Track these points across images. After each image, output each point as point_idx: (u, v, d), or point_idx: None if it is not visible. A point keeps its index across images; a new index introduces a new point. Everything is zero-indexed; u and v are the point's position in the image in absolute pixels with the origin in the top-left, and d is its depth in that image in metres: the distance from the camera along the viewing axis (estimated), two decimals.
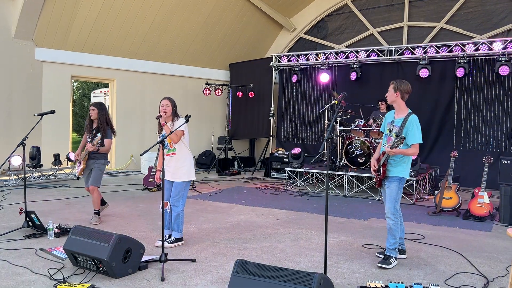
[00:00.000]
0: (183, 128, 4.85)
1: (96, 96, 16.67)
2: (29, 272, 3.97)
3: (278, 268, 3.20)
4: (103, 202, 6.30)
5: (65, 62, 10.63)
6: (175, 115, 4.96)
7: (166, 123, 4.86)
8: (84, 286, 3.57)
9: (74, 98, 20.29)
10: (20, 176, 9.05)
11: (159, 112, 4.91)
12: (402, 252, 4.57)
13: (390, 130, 4.44)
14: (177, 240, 4.96)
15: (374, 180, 4.68)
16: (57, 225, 5.31)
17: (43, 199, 7.54)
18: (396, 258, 4.34)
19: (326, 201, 3.69)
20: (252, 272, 3.18)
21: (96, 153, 5.85)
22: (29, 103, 10.11)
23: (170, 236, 5.00)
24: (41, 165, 9.30)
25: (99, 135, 5.70)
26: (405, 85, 4.41)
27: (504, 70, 9.18)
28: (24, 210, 5.39)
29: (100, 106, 5.96)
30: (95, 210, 6.03)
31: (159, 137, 4.76)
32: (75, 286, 3.57)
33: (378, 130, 8.40)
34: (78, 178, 6.28)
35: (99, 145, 5.74)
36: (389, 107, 8.46)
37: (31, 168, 9.16)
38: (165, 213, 4.88)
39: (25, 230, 5.27)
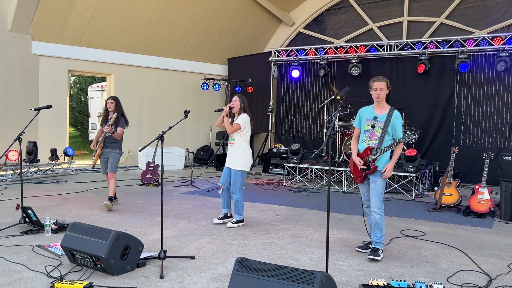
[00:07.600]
0: (241, 122, 5.51)
1: (94, 91, 16.53)
2: (25, 269, 3.91)
3: (279, 266, 3.14)
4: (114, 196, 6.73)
5: (62, 56, 10.54)
6: (242, 110, 5.63)
7: (227, 116, 5.57)
8: (82, 283, 3.51)
9: (71, 92, 20.15)
10: (16, 171, 8.97)
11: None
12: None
13: (373, 126, 4.49)
14: (239, 221, 5.59)
15: (354, 176, 4.70)
16: (54, 221, 5.24)
17: (40, 194, 7.47)
18: (382, 250, 4.44)
19: (328, 198, 3.64)
20: (253, 270, 3.13)
21: (111, 143, 6.40)
22: (25, 97, 10.02)
23: (226, 215, 5.73)
24: (38, 160, 9.22)
25: (115, 114, 6.29)
26: (390, 84, 4.60)
27: (501, 66, 9.15)
28: (20, 206, 5.32)
29: (117, 99, 6.54)
30: (109, 196, 6.40)
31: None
32: (73, 284, 3.51)
33: None
34: (93, 167, 6.71)
35: (114, 129, 6.28)
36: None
37: (27, 163, 9.08)
38: (223, 194, 5.72)
39: (22, 226, 5.21)
